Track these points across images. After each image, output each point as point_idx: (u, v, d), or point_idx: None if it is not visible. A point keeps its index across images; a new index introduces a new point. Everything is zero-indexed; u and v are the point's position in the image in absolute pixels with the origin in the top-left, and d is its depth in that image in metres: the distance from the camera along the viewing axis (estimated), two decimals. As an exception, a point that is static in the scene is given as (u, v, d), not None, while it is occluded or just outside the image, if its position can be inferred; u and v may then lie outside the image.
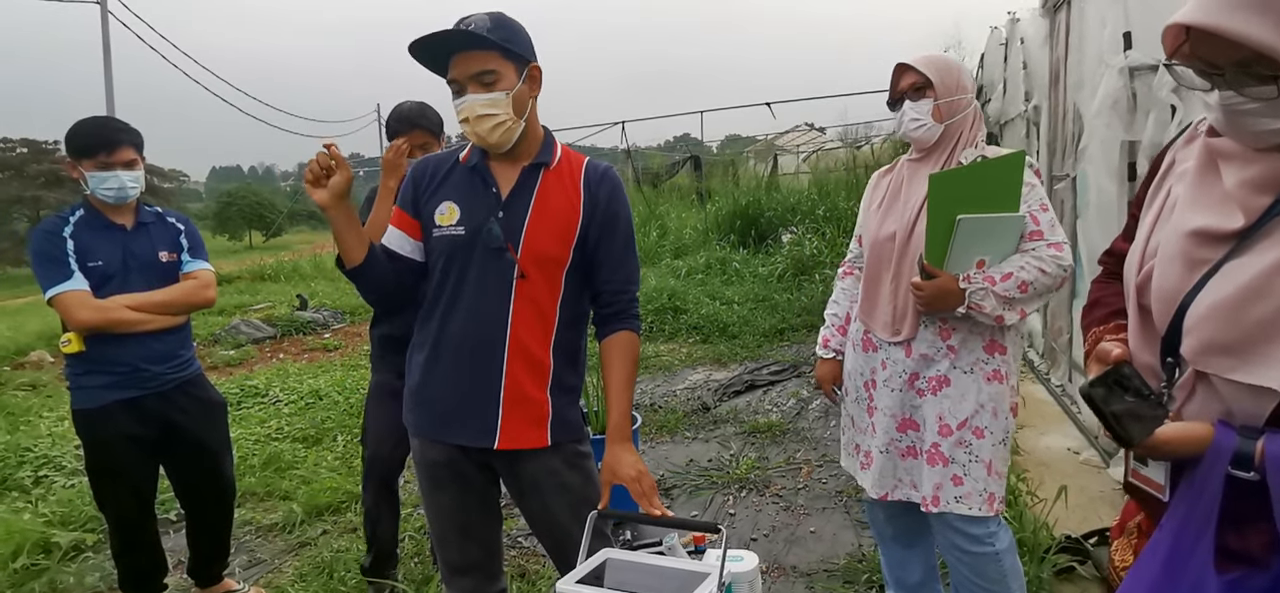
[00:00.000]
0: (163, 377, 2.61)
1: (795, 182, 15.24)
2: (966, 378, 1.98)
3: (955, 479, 1.98)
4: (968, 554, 2.03)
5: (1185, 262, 1.02)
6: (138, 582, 2.72)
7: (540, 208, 1.76)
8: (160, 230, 2.66)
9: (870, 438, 2.14)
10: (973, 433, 1.97)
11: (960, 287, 1.88)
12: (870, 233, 2.12)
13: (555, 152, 1.81)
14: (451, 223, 1.76)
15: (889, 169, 2.20)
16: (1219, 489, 0.95)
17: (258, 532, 3.57)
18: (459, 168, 1.81)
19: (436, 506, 1.86)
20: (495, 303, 1.74)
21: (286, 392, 5.84)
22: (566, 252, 1.77)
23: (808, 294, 7.69)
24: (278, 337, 8.77)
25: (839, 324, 2.32)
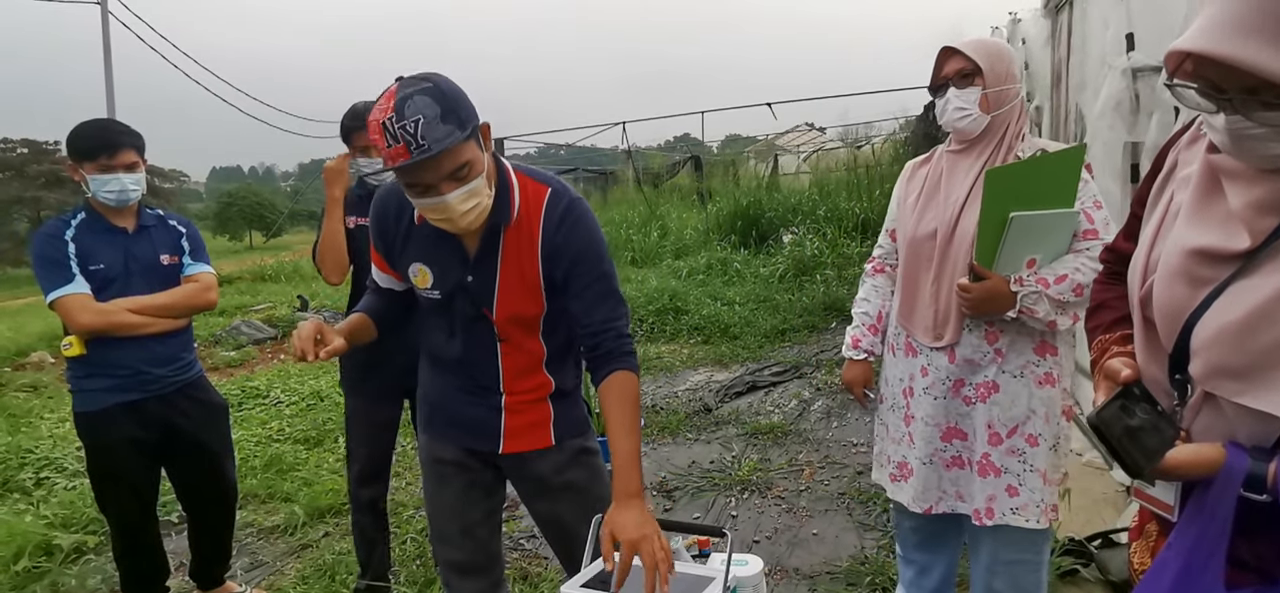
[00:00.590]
0: (164, 380, 2.60)
1: (796, 182, 15.23)
2: (1016, 383, 1.88)
3: (1010, 490, 1.89)
4: (1012, 566, 1.96)
5: (1188, 279, 1.01)
6: (140, 584, 2.71)
7: (507, 270, 1.68)
8: (162, 233, 2.66)
9: (907, 448, 2.04)
10: (1025, 441, 1.88)
11: (1012, 290, 1.77)
12: (907, 230, 2.01)
13: (512, 202, 1.66)
14: (427, 286, 1.73)
15: (925, 159, 2.07)
16: (1231, 512, 0.94)
17: (259, 534, 3.57)
18: (417, 228, 1.70)
19: (440, 501, 1.85)
20: (483, 355, 1.75)
21: (288, 393, 5.83)
22: (540, 307, 1.72)
23: (809, 295, 7.68)
24: (279, 338, 8.76)
25: (870, 323, 2.18)
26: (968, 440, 1.94)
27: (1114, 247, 1.29)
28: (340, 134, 2.64)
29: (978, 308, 1.82)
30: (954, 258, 1.88)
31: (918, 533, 2.16)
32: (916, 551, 2.19)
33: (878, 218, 9.96)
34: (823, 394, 5.12)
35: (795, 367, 5.81)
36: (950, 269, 1.89)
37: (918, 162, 2.10)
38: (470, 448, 1.82)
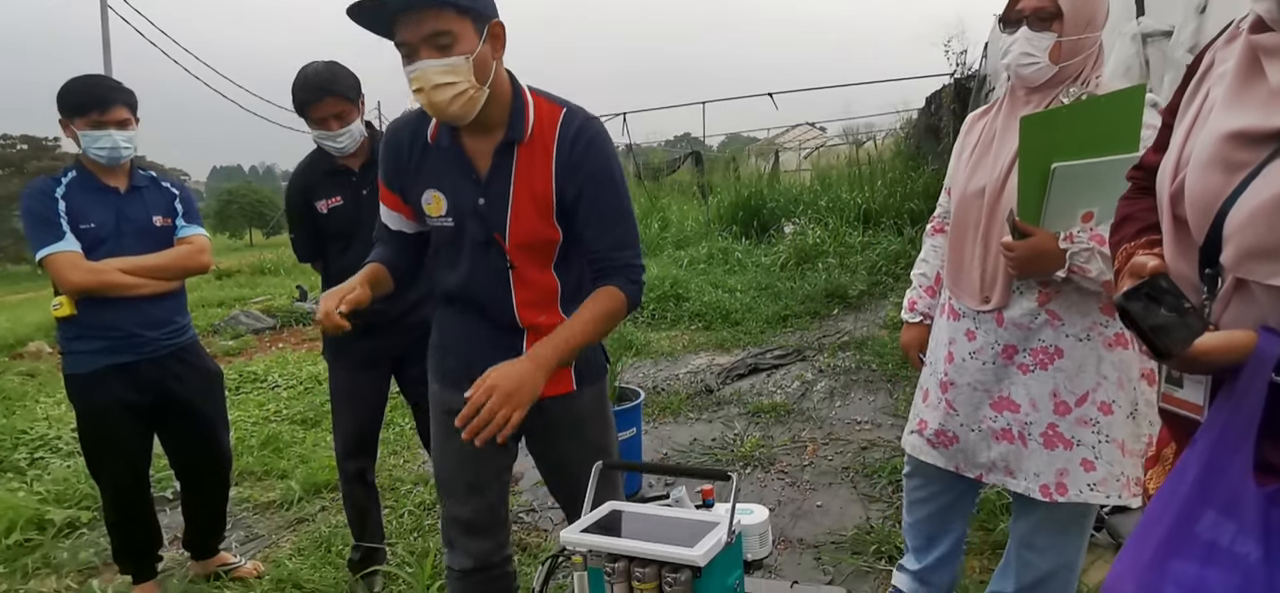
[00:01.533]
0: (157, 343, 2.55)
1: (797, 178, 15.20)
2: (1083, 347, 1.73)
3: (1086, 464, 1.74)
4: (1061, 533, 1.87)
5: (1223, 165, 0.96)
6: (132, 553, 2.66)
7: (521, 191, 1.61)
8: (154, 195, 2.61)
9: (947, 415, 1.91)
10: (1098, 409, 1.73)
11: (1061, 247, 1.62)
12: (959, 186, 1.87)
13: (527, 119, 1.60)
14: (440, 214, 1.67)
15: (986, 111, 1.93)
16: (1261, 398, 0.89)
17: (256, 509, 3.52)
18: (432, 150, 1.65)
19: (448, 454, 1.78)
20: (497, 288, 1.68)
21: (285, 377, 5.79)
22: (553, 233, 1.66)
23: (811, 282, 7.62)
24: (277, 328, 8.73)
25: (927, 285, 2.09)
26: (1020, 412, 1.80)
27: (1142, 163, 1.23)
28: (295, 108, 2.41)
29: (1023, 268, 1.67)
30: (1001, 217, 1.74)
31: (937, 499, 2.07)
32: (933, 517, 2.11)
33: (879, 209, 9.92)
34: (826, 376, 5.06)
35: (798, 350, 5.75)
36: (998, 228, 1.76)
37: (978, 113, 1.96)
38: None
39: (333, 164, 2.49)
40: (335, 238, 2.52)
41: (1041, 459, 1.80)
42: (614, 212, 1.63)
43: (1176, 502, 0.96)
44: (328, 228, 2.51)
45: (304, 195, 2.51)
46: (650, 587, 1.44)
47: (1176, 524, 0.95)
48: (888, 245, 8.53)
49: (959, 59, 10.54)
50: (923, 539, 2.16)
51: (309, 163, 2.53)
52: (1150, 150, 1.21)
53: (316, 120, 2.39)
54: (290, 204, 2.56)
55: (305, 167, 2.54)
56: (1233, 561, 0.90)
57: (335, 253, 2.53)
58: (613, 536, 1.53)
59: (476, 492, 1.78)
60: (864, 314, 6.83)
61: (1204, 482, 0.94)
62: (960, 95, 10.10)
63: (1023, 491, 1.83)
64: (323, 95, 2.36)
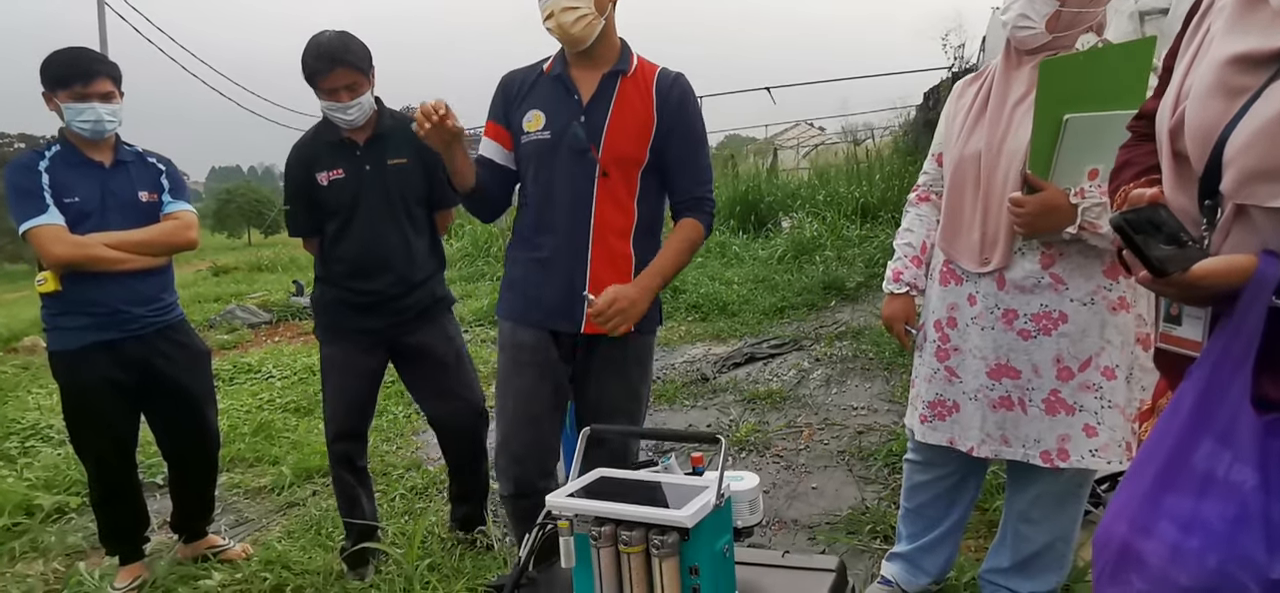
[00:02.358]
0: (143, 320, 2.52)
1: (795, 175, 15.17)
2: (1086, 311, 1.71)
3: (1088, 429, 1.73)
4: (1059, 502, 1.86)
5: (1224, 92, 0.93)
6: (118, 535, 2.63)
7: (619, 111, 1.90)
8: (140, 170, 2.58)
9: (946, 384, 1.89)
10: (1101, 375, 1.71)
11: (1072, 202, 1.59)
12: (953, 149, 1.87)
13: (632, 60, 1.95)
14: (538, 129, 1.92)
15: (977, 77, 1.93)
16: (1260, 322, 0.87)
17: (246, 494, 3.49)
18: (543, 79, 1.96)
19: (511, 389, 1.99)
20: (580, 198, 1.89)
21: (280, 368, 5.75)
22: (643, 152, 1.92)
23: (808, 275, 7.59)
24: (273, 322, 8.70)
25: (912, 255, 2.03)
26: (1020, 379, 1.77)
27: (1142, 111, 1.20)
28: (305, 78, 2.37)
29: (1032, 225, 1.64)
30: (1001, 176, 1.74)
31: (943, 480, 2.03)
32: (937, 500, 2.06)
33: (877, 203, 9.90)
34: (822, 364, 5.03)
35: (795, 341, 5.72)
36: (998, 189, 1.74)
37: (969, 79, 1.96)
38: (552, 329, 1.94)
39: (338, 136, 2.45)
40: (334, 213, 2.46)
41: (1042, 425, 1.77)
42: (697, 149, 1.96)
43: (1171, 435, 0.93)
44: (327, 201, 2.46)
45: (305, 166, 2.47)
46: (637, 551, 1.42)
47: (1171, 458, 0.93)
48: (885, 239, 8.49)
49: (957, 52, 10.54)
50: (919, 526, 2.12)
51: (313, 134, 2.51)
52: (1151, 99, 1.19)
53: (327, 91, 2.34)
54: (290, 175, 2.51)
55: (309, 137, 2.51)
56: (1228, 490, 0.87)
57: (333, 230, 2.48)
58: (600, 500, 1.50)
59: (534, 423, 1.99)
60: (861, 305, 6.80)
61: (1200, 411, 0.91)
62: (958, 89, 10.09)
63: (1021, 458, 1.80)
64: (334, 65, 2.31)
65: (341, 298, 2.50)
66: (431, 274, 2.57)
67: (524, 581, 1.59)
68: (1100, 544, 1.01)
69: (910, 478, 2.12)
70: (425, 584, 2.30)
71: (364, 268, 2.45)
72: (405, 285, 2.48)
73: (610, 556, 1.44)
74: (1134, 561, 0.95)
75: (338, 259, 2.48)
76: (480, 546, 2.64)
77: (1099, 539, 1.02)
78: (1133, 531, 0.95)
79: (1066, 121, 1.52)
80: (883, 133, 14.74)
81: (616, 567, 1.45)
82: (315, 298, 2.61)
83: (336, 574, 2.59)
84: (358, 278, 2.46)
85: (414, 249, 2.50)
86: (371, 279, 2.46)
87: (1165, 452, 0.94)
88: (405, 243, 2.48)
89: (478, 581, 2.40)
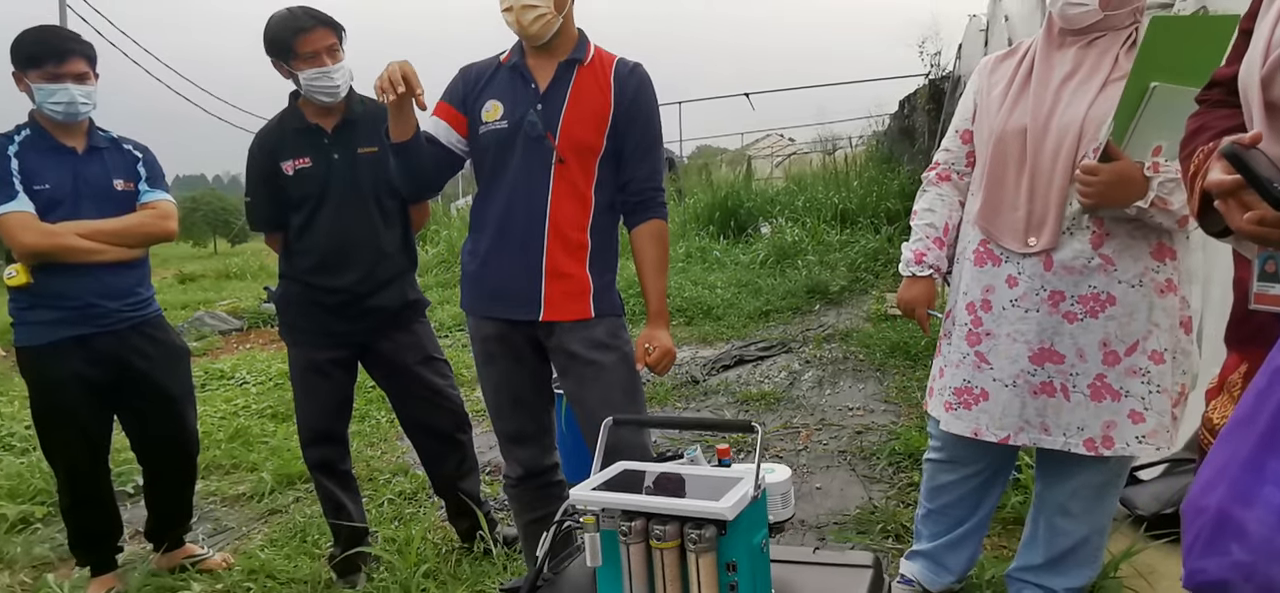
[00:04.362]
0: (118, 314, 2.37)
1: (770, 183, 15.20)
2: (1135, 293, 1.65)
3: (1134, 416, 1.67)
4: (1100, 491, 1.81)
5: None
6: (89, 543, 2.48)
7: (576, 99, 1.89)
8: (116, 157, 2.44)
9: (976, 370, 1.81)
10: (1149, 359, 1.66)
11: (1145, 175, 1.52)
12: (993, 125, 1.79)
13: (589, 49, 1.95)
14: (496, 119, 1.91)
15: (1009, 53, 1.87)
16: None
17: (223, 502, 3.33)
18: (501, 69, 1.96)
19: (490, 378, 2.02)
20: (536, 187, 1.89)
21: (254, 374, 5.57)
22: (600, 140, 1.91)
23: (791, 279, 7.56)
24: (244, 329, 8.45)
25: (935, 235, 1.94)
26: (1064, 364, 1.71)
27: (1216, 78, 1.14)
28: (277, 52, 2.22)
29: (1104, 196, 1.56)
30: (1049, 153, 1.68)
31: (974, 468, 1.93)
32: (968, 495, 1.98)
33: (856, 208, 9.93)
34: (813, 366, 4.98)
35: (782, 343, 5.67)
36: (1047, 166, 1.68)
37: (1000, 56, 1.90)
38: (511, 319, 1.93)
39: (304, 122, 2.30)
40: (300, 204, 2.31)
41: (1086, 412, 1.70)
42: (653, 141, 1.96)
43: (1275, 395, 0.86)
44: (292, 192, 2.30)
45: (269, 154, 2.31)
46: (671, 546, 1.32)
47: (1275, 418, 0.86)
48: (866, 244, 8.52)
49: (933, 60, 10.63)
50: (943, 525, 2.04)
51: (278, 120, 2.35)
52: (1223, 67, 1.13)
53: (308, 56, 2.19)
54: (253, 163, 2.35)
55: (274, 124, 2.35)
56: None
57: (298, 222, 2.33)
58: (628, 494, 1.41)
59: (520, 406, 2.03)
60: (846, 309, 6.78)
61: None
62: (935, 96, 10.16)
63: (1061, 446, 1.74)
64: (315, 23, 2.19)
65: (306, 295, 2.35)
66: (402, 272, 2.42)
67: (540, 582, 1.49)
68: (1192, 514, 0.94)
69: (934, 478, 2.04)
70: (424, 591, 2.17)
71: (330, 262, 2.31)
72: (374, 283, 2.34)
73: (641, 552, 1.35)
74: (1234, 530, 0.87)
75: (303, 253, 2.33)
76: (478, 551, 2.52)
77: (1190, 509, 0.95)
78: (1232, 498, 0.88)
79: (1152, 89, 1.46)
80: (859, 143, 14.84)
81: (647, 564, 1.35)
82: (279, 296, 2.45)
83: (325, 583, 2.46)
84: (324, 273, 2.32)
85: (384, 243, 2.35)
86: (338, 275, 2.31)
87: (1268, 415, 0.86)
88: (374, 236, 2.34)
89: (477, 587, 2.29)
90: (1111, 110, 1.59)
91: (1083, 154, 1.64)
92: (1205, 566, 0.91)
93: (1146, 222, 1.61)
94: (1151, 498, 2.35)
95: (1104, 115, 1.62)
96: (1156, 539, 2.13)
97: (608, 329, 1.94)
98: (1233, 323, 1.11)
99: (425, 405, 2.48)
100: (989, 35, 7.56)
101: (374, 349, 2.42)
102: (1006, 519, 2.54)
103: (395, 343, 2.41)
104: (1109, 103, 1.63)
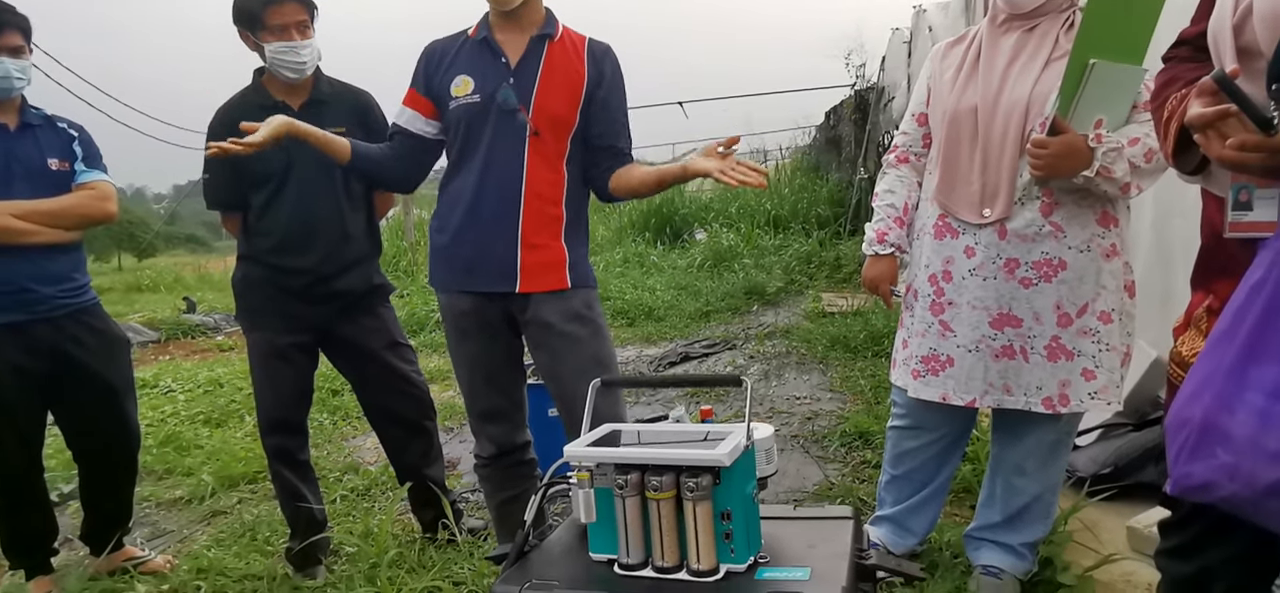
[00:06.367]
0: (53, 301, 2.24)
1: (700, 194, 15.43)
2: (1083, 258, 1.75)
3: (1087, 374, 1.77)
4: (1053, 449, 1.90)
5: None
6: (25, 545, 2.33)
7: (548, 73, 1.90)
8: (50, 135, 2.31)
9: (939, 338, 1.89)
10: (1098, 319, 1.77)
11: (1090, 146, 1.62)
12: (946, 105, 1.88)
13: (557, 26, 1.95)
14: (467, 93, 1.90)
15: (959, 39, 1.97)
16: None
17: (159, 506, 3.17)
18: (468, 43, 1.95)
19: (464, 355, 2.01)
20: (511, 160, 1.88)
21: (180, 382, 5.31)
22: (574, 114, 1.92)
23: (728, 282, 7.69)
24: (162, 340, 8.06)
25: (895, 215, 2.02)
26: (1022, 327, 1.80)
27: (1182, 37, 1.23)
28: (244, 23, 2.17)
29: (1052, 167, 1.65)
30: (999, 130, 1.78)
31: (938, 433, 2.02)
32: (931, 460, 2.06)
33: (788, 214, 10.19)
34: (757, 361, 5.08)
35: (725, 341, 5.76)
36: (996, 141, 1.78)
37: (950, 42, 2.00)
38: (487, 292, 1.92)
39: (269, 98, 2.23)
40: (262, 182, 2.24)
41: (1043, 372, 1.80)
42: (623, 112, 2.01)
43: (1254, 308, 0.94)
44: (255, 169, 2.21)
45: (231, 130, 2.19)
46: (668, 496, 1.34)
47: (1255, 330, 0.94)
48: (799, 247, 8.75)
49: (859, 72, 11.00)
50: (907, 490, 2.12)
51: (241, 96, 2.27)
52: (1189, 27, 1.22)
53: (276, 28, 2.13)
54: (213, 139, 2.22)
55: (237, 100, 2.26)
56: None
57: (260, 201, 2.25)
58: (621, 449, 1.42)
59: (493, 384, 2.02)
60: (784, 308, 6.94)
61: None
62: (861, 107, 10.51)
63: (1022, 406, 1.83)
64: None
65: (268, 278, 2.27)
66: (366, 256, 2.37)
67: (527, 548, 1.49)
68: (1176, 427, 1.01)
69: (898, 445, 2.11)
70: (392, 579, 2.12)
71: (293, 242, 2.24)
72: (338, 265, 2.28)
73: (636, 506, 1.36)
74: (1218, 435, 0.95)
75: (264, 233, 2.26)
76: (442, 539, 2.47)
77: (1173, 423, 1.02)
78: (1216, 407, 0.95)
79: (1092, 66, 1.57)
80: (787, 153, 15.20)
81: (643, 517, 1.36)
82: (237, 280, 2.35)
83: (282, 578, 2.37)
84: (286, 253, 2.24)
85: (349, 226, 2.30)
86: (301, 255, 2.24)
87: (1247, 328, 0.95)
88: (339, 217, 2.28)
89: (445, 574, 2.24)
90: (1055, 87, 1.70)
91: (1030, 129, 1.75)
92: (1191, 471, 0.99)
93: (1092, 190, 1.72)
94: (1089, 461, 2.49)
95: (1048, 92, 1.74)
96: (1095, 497, 2.26)
97: (583, 300, 1.95)
98: (1200, 260, 1.20)
99: (392, 393, 2.42)
100: (912, 47, 7.88)
101: (337, 334, 2.35)
102: (957, 489, 2.65)
103: (360, 328, 2.35)
104: (1052, 81, 1.74)
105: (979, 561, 2.05)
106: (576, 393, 1.83)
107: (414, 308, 7.14)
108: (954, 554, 2.17)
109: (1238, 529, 1.13)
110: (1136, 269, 1.91)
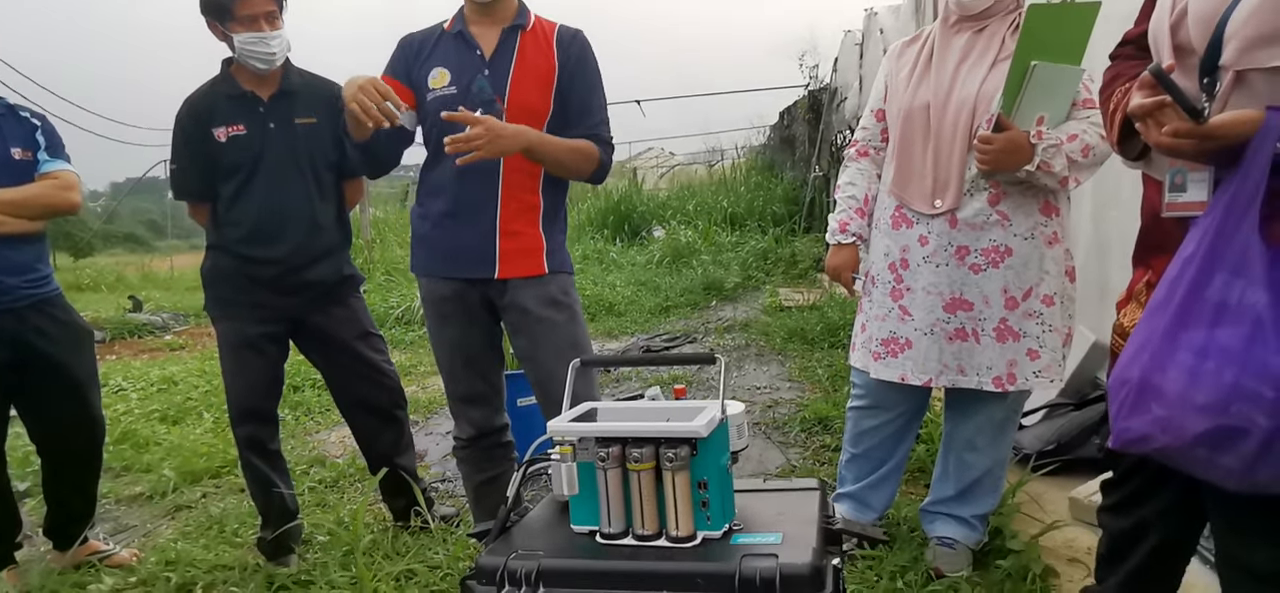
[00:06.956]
0: (16, 292, 2.22)
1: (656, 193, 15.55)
2: (1027, 245, 1.87)
3: (1031, 354, 1.89)
4: (1001, 426, 2.01)
5: None
6: (-15, 539, 2.28)
7: (521, 64, 1.95)
8: (11, 125, 2.27)
9: (899, 322, 2.00)
10: (1042, 302, 1.89)
11: (1031, 142, 1.75)
12: (901, 103, 2.00)
13: (530, 17, 2.01)
14: (444, 85, 1.94)
15: (913, 39, 2.07)
16: (1267, 167, 1.00)
17: (120, 502, 3.12)
18: (444, 37, 2.00)
19: (443, 340, 2.07)
20: None
21: (132, 381, 5.18)
22: (547, 103, 1.97)
23: (687, 278, 7.80)
24: (107, 340, 7.84)
25: (857, 206, 2.12)
26: (973, 310, 1.92)
27: (1127, 38, 1.34)
28: (209, 11, 2.16)
29: (997, 162, 1.77)
30: (949, 126, 1.89)
31: (896, 411, 2.13)
32: (889, 439, 2.17)
33: (744, 212, 10.35)
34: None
35: (686, 334, 5.86)
36: (948, 136, 1.89)
37: (906, 41, 2.10)
38: (467, 278, 1.97)
39: (238, 89, 2.24)
40: (232, 172, 2.24)
41: (993, 353, 1.92)
42: (595, 91, 2.02)
43: (1184, 282, 1.05)
44: (224, 159, 2.23)
45: (199, 121, 2.22)
46: (648, 467, 1.40)
47: (1185, 298, 1.04)
48: (756, 244, 8.91)
49: (812, 73, 11.21)
50: (866, 467, 2.22)
51: (209, 86, 2.26)
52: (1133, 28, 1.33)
53: (246, 18, 2.13)
54: (181, 129, 2.25)
55: (205, 90, 2.26)
56: (1241, 312, 0.99)
57: (229, 191, 2.25)
58: (603, 423, 1.48)
59: (472, 368, 2.08)
60: (742, 303, 7.07)
61: (1212, 252, 1.03)
62: (814, 106, 10.73)
63: (974, 386, 1.94)
64: None
65: (237, 268, 2.28)
66: (336, 247, 2.39)
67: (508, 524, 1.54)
68: (1117, 387, 1.12)
69: (858, 424, 2.22)
70: (368, 564, 2.15)
71: (263, 232, 2.25)
72: (307, 255, 2.30)
73: (618, 478, 1.43)
74: (1152, 392, 1.06)
75: (234, 223, 2.26)
76: (415, 526, 2.50)
77: (1115, 382, 1.13)
78: (1152, 366, 1.06)
79: (1034, 67, 1.69)
80: (743, 152, 15.41)
81: (624, 488, 1.43)
82: (206, 270, 2.34)
83: (253, 567, 2.37)
84: (256, 243, 2.25)
85: (319, 216, 2.31)
86: (271, 245, 2.25)
87: (1179, 297, 1.05)
88: (309, 208, 2.30)
89: (420, 559, 2.28)
90: (1001, 86, 1.83)
91: (978, 125, 1.87)
92: (1130, 425, 1.09)
93: (1035, 182, 1.85)
94: (1035, 438, 2.64)
95: (995, 91, 1.86)
96: (1039, 471, 2.40)
97: (559, 286, 2.01)
98: (1140, 240, 1.31)
99: (364, 382, 2.44)
100: (864, 49, 8.08)
101: (308, 325, 2.36)
102: (912, 468, 2.77)
103: (331, 318, 2.37)
104: (998, 80, 1.86)
105: (934, 532, 2.17)
106: (553, 375, 1.91)
107: (373, 305, 7.08)
108: (911, 528, 2.28)
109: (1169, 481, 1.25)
110: (1077, 258, 2.05)
